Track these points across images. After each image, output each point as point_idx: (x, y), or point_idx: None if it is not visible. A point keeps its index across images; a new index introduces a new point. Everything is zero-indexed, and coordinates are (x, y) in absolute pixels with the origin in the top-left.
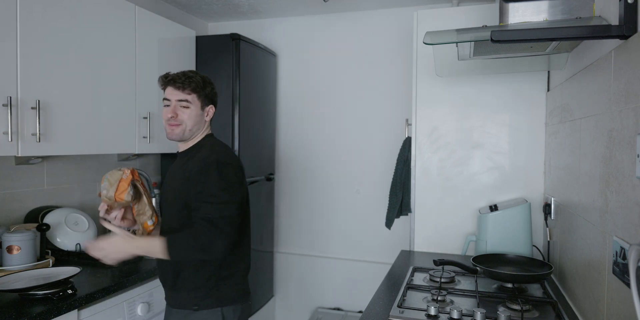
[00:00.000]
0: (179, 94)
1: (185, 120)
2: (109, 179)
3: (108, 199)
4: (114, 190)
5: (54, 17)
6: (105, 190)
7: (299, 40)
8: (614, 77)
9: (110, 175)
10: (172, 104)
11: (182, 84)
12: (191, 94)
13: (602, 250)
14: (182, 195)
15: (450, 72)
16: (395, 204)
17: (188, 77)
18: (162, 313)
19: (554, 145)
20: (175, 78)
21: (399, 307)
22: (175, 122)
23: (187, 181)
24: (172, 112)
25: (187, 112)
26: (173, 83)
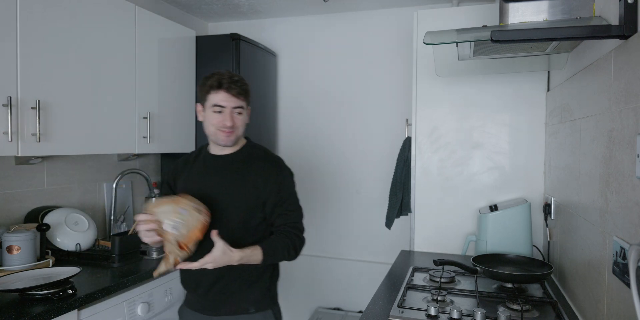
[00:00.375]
0: (235, 101)
1: (239, 126)
2: (187, 219)
3: (173, 238)
4: (186, 235)
5: (54, 17)
6: (175, 229)
7: (299, 40)
8: (614, 77)
9: (190, 213)
10: (228, 111)
11: (238, 89)
12: (244, 100)
13: (602, 250)
14: (251, 201)
15: (450, 72)
16: (395, 204)
17: (242, 83)
18: (162, 313)
19: (554, 145)
20: (231, 84)
21: (399, 307)
22: (231, 129)
23: (256, 190)
24: (230, 120)
25: (240, 118)
26: (229, 89)
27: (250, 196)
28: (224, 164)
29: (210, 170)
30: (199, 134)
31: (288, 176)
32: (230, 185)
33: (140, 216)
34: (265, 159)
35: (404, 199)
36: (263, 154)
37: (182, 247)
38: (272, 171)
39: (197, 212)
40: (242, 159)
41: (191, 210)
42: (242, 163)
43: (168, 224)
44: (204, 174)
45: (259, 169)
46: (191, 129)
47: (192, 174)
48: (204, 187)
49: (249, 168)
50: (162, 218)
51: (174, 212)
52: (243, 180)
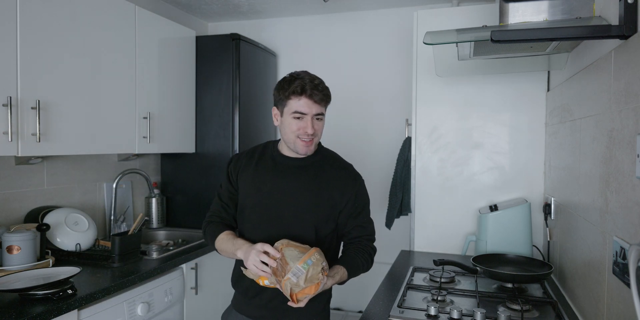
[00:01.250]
0: (317, 108)
1: (319, 134)
2: (311, 272)
3: (288, 285)
4: (302, 288)
5: (54, 17)
6: (295, 277)
7: (298, 40)
8: (614, 77)
9: (314, 268)
10: (309, 118)
11: (321, 96)
12: (325, 106)
13: (602, 250)
14: (326, 210)
15: (450, 72)
16: (395, 204)
17: (323, 88)
18: (162, 313)
19: (554, 145)
20: (314, 90)
21: (399, 307)
22: (313, 137)
23: (332, 199)
24: (312, 127)
25: (320, 125)
26: (312, 96)
27: (326, 205)
28: (298, 167)
29: (283, 172)
30: (199, 134)
31: (363, 185)
32: (306, 191)
33: (268, 248)
34: (340, 166)
35: (404, 199)
36: (337, 160)
37: (292, 297)
38: (348, 180)
39: (320, 270)
40: (317, 164)
41: (317, 265)
42: (317, 169)
43: (291, 270)
44: (275, 175)
45: (334, 176)
46: (191, 129)
47: (260, 173)
48: (277, 191)
49: (324, 175)
50: (288, 260)
51: (301, 260)
52: (319, 188)
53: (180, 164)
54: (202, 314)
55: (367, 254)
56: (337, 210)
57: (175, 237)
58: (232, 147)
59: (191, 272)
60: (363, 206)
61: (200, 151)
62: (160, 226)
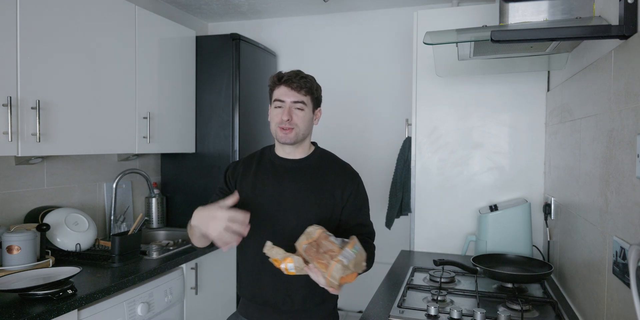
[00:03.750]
0: (294, 95)
1: (300, 124)
2: (358, 257)
3: (339, 267)
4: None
5: (54, 17)
6: (346, 259)
7: (298, 40)
8: (614, 77)
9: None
10: (287, 106)
11: (299, 83)
12: (306, 96)
13: (602, 250)
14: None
15: (450, 72)
16: (395, 204)
17: (303, 77)
18: (162, 313)
19: (554, 145)
20: (291, 77)
21: (399, 307)
22: (290, 125)
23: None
24: (287, 114)
25: (301, 115)
26: (289, 83)
27: (327, 204)
28: (297, 168)
29: (283, 174)
30: (199, 134)
31: (361, 182)
32: (307, 191)
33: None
34: (339, 166)
35: (404, 199)
36: (336, 161)
37: (331, 283)
38: (347, 177)
39: (364, 259)
40: (316, 164)
41: (362, 252)
42: (316, 169)
43: (342, 253)
44: (276, 178)
45: (334, 175)
46: (191, 129)
47: (261, 178)
48: (277, 194)
49: (323, 174)
50: (335, 244)
51: (350, 244)
52: (319, 187)
53: (180, 164)
54: (202, 314)
55: (373, 248)
56: (339, 208)
57: (175, 237)
58: (232, 147)
59: (191, 272)
60: (363, 203)
61: (200, 151)
62: (160, 226)
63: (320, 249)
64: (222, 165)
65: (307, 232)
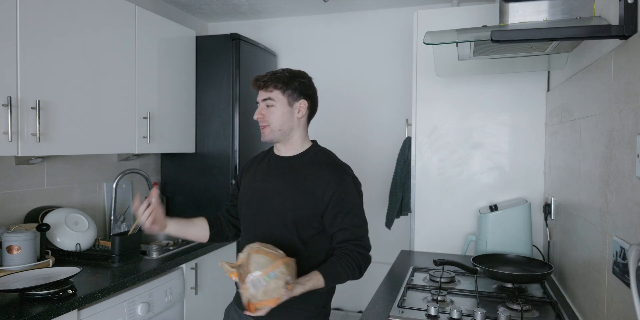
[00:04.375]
0: (262, 94)
1: (272, 120)
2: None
3: (246, 293)
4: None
5: (54, 17)
6: (253, 287)
7: (298, 40)
8: (614, 77)
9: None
10: (260, 105)
11: (265, 82)
12: (273, 91)
13: (602, 250)
14: (307, 209)
15: (450, 72)
16: (395, 204)
17: (272, 74)
18: (162, 313)
19: (554, 145)
20: (259, 77)
21: (399, 307)
22: (263, 123)
23: (314, 199)
24: (258, 113)
25: (272, 111)
26: (257, 84)
27: (307, 204)
28: (286, 166)
29: (272, 170)
30: (199, 134)
31: (352, 185)
32: (287, 189)
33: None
34: (329, 165)
35: (404, 199)
36: (328, 160)
37: (248, 306)
38: (332, 179)
39: (283, 284)
40: (305, 163)
41: (280, 279)
42: (303, 167)
43: (250, 278)
44: (266, 174)
45: (319, 176)
46: (191, 129)
47: (257, 174)
48: (264, 189)
49: (309, 173)
50: (252, 267)
51: (264, 271)
52: (301, 186)
53: (180, 164)
54: (202, 314)
55: (351, 259)
56: (319, 210)
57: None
58: (232, 147)
59: (191, 272)
60: (350, 207)
61: (200, 151)
62: None
63: (241, 269)
64: (222, 166)
65: (243, 250)
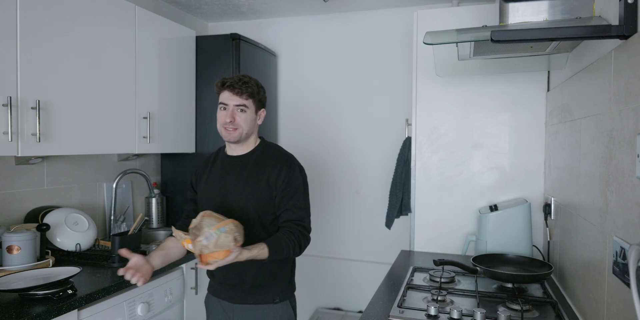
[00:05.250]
0: (236, 99)
1: (242, 124)
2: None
3: (199, 247)
4: (210, 251)
5: (54, 17)
6: (206, 240)
7: (298, 40)
8: (614, 77)
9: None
10: (230, 109)
11: (240, 89)
12: (248, 99)
13: (602, 250)
14: (265, 198)
15: (450, 72)
16: (395, 204)
17: (244, 83)
18: (162, 313)
19: (554, 145)
20: (234, 83)
21: (399, 307)
22: (233, 126)
23: (269, 187)
24: (230, 117)
25: (243, 117)
26: (231, 88)
27: (264, 193)
28: (239, 163)
29: (228, 170)
30: (199, 134)
31: (297, 171)
32: (245, 183)
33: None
34: (278, 157)
35: (404, 199)
36: (276, 152)
37: (201, 258)
38: (283, 167)
39: (232, 238)
40: (257, 157)
41: (229, 233)
42: (256, 162)
43: (203, 234)
44: (222, 175)
45: (271, 166)
46: (191, 129)
47: (212, 175)
48: (223, 187)
49: (262, 166)
50: (204, 225)
51: (215, 226)
52: (257, 178)
53: (180, 164)
54: (202, 314)
55: (293, 236)
56: (273, 195)
57: None
58: None
59: (191, 272)
60: (295, 190)
61: (200, 151)
62: (160, 226)
63: (195, 231)
64: None
65: (196, 217)
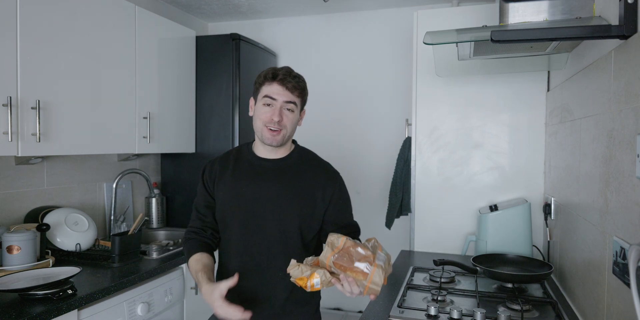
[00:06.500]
0: (287, 95)
1: (288, 126)
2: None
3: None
4: (390, 271)
5: (54, 17)
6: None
7: (299, 40)
8: (614, 77)
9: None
10: (278, 105)
11: (294, 85)
12: (299, 97)
13: (602, 250)
14: (308, 210)
15: (450, 72)
16: (395, 204)
17: (295, 77)
18: (162, 313)
19: (554, 145)
20: (287, 76)
21: (399, 307)
22: (279, 126)
23: (314, 199)
24: (279, 115)
25: (290, 117)
26: (283, 82)
27: (309, 205)
28: (276, 169)
29: (262, 175)
30: (199, 134)
31: (342, 182)
32: (287, 193)
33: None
34: (319, 164)
35: (404, 199)
36: (314, 160)
37: (373, 290)
38: (328, 177)
39: (390, 258)
40: (295, 164)
41: (388, 253)
42: (295, 168)
43: (378, 255)
44: (254, 179)
45: (314, 175)
46: (191, 129)
47: (238, 178)
48: (257, 195)
49: (303, 174)
50: (360, 250)
51: (380, 246)
52: (300, 188)
53: (180, 164)
54: (202, 314)
55: None
56: (320, 209)
57: (175, 237)
58: (232, 147)
59: None
60: (346, 203)
61: (200, 151)
62: (160, 226)
63: (354, 257)
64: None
65: (330, 242)
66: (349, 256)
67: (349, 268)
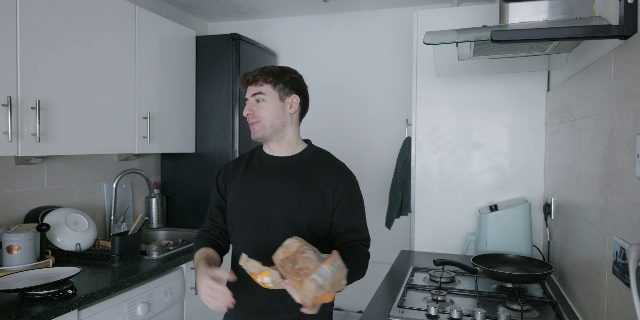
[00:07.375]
0: (251, 88)
1: (263, 116)
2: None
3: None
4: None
5: (54, 17)
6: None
7: (298, 40)
8: (614, 77)
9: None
10: (250, 101)
11: (254, 76)
12: (264, 85)
13: (602, 250)
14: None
15: (450, 72)
16: (395, 204)
17: (261, 69)
18: (162, 313)
19: (554, 145)
20: (247, 73)
21: (399, 307)
22: (253, 119)
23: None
24: (248, 109)
25: (263, 106)
26: (246, 79)
27: (318, 204)
28: (284, 166)
29: (271, 173)
30: (199, 134)
31: (356, 184)
32: (296, 191)
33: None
34: (332, 164)
35: (404, 199)
36: (329, 159)
37: (304, 302)
38: (340, 177)
39: (344, 275)
40: (306, 162)
41: (342, 270)
42: (306, 167)
43: (318, 271)
44: (263, 177)
45: (325, 174)
46: (191, 129)
47: (248, 177)
48: (265, 192)
49: (314, 173)
50: (313, 259)
51: (328, 261)
52: (310, 187)
53: (180, 164)
54: (202, 314)
55: (363, 260)
56: (329, 210)
57: (175, 237)
58: (232, 147)
59: (191, 272)
60: (357, 207)
61: (200, 151)
62: (160, 226)
63: (296, 264)
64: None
65: (285, 244)
66: (294, 262)
67: (290, 273)
